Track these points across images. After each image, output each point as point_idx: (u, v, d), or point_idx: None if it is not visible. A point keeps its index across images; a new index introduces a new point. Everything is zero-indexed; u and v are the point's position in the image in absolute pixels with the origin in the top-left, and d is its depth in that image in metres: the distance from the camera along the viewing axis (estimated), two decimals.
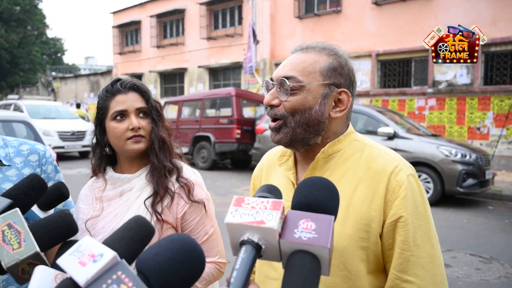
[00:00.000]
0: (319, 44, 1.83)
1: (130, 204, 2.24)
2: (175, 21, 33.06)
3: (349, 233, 1.65)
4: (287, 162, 1.94)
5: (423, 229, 1.65)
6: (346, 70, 1.81)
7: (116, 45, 38.47)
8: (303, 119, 1.73)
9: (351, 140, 1.83)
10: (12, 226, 1.09)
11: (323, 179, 1.18)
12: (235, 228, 1.04)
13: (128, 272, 0.84)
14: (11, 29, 56.09)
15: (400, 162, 1.74)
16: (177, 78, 33.12)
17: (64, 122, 21.82)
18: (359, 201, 1.68)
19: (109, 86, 2.32)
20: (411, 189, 1.66)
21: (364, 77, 21.09)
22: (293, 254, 0.99)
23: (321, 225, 1.01)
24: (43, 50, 65.04)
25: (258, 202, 1.06)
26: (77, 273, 0.85)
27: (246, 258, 0.97)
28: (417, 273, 1.61)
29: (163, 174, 2.25)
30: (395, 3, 20.15)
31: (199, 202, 2.28)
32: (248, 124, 17.56)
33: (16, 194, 1.28)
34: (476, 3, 17.84)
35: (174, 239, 0.95)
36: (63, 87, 46.40)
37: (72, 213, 1.22)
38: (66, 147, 20.76)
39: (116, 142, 2.27)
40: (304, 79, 1.73)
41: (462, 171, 11.35)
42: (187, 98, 21.40)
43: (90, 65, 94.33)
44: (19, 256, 1.05)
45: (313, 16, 23.50)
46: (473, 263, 7.33)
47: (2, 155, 2.44)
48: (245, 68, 23.24)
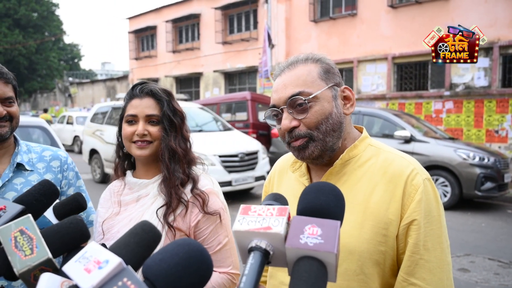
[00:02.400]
0: (299, 57, 1.85)
1: (144, 210, 2.24)
2: (191, 26, 33.19)
3: (367, 237, 1.65)
4: (300, 168, 1.95)
5: (435, 233, 1.65)
6: (335, 69, 1.85)
7: (132, 51, 38.72)
8: (329, 126, 1.74)
9: (366, 145, 1.85)
10: (24, 232, 1.09)
11: (329, 184, 1.17)
12: (243, 236, 1.04)
13: (134, 279, 0.84)
14: (29, 35, 56.89)
15: (416, 166, 1.74)
16: (192, 82, 33.24)
17: (220, 137, 13.26)
18: (376, 205, 1.68)
19: (130, 89, 2.36)
20: (426, 193, 1.66)
21: (380, 80, 21.01)
22: (299, 260, 0.98)
23: (327, 230, 1.00)
24: (60, 56, 65.87)
25: (264, 209, 1.07)
26: (82, 280, 0.84)
27: (255, 263, 0.97)
28: (424, 276, 1.61)
29: (175, 185, 2.23)
30: (410, 5, 20.05)
31: (213, 214, 2.25)
32: (263, 128, 17.55)
33: (28, 200, 1.29)
34: (493, 5, 17.69)
35: (180, 245, 0.94)
36: (80, 92, 46.86)
37: (83, 220, 1.20)
38: (235, 182, 11.87)
39: (125, 143, 2.32)
40: (312, 90, 1.74)
41: (481, 175, 11.25)
42: (202, 102, 21.43)
43: (107, 70, 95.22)
44: (31, 263, 1.05)
45: (328, 19, 23.44)
46: (492, 267, 7.26)
47: (25, 161, 2.53)
48: (260, 72, 23.29)
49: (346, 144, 1.84)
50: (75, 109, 43.03)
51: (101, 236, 2.27)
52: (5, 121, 2.41)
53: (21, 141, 2.62)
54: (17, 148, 2.56)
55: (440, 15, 18.93)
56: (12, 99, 2.46)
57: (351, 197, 1.72)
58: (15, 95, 2.51)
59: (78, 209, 1.45)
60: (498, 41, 17.42)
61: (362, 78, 21.72)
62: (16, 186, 2.43)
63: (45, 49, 59.60)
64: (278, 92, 1.80)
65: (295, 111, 1.74)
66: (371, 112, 13.67)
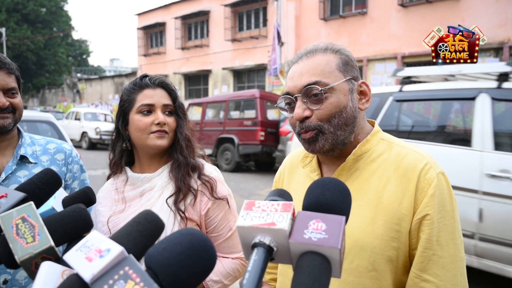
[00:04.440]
0: (319, 46, 1.80)
1: (152, 204, 2.22)
2: (200, 23, 33.28)
3: (379, 232, 1.62)
4: (311, 163, 1.92)
5: (448, 228, 1.61)
6: (354, 62, 1.80)
7: (140, 47, 38.85)
8: (341, 120, 1.70)
9: (378, 139, 1.81)
10: (26, 220, 1.08)
11: (335, 180, 1.15)
12: (246, 231, 1.02)
13: (136, 268, 0.82)
14: (37, 31, 57.11)
15: (429, 160, 1.70)
16: (201, 80, 33.33)
17: None
18: (389, 200, 1.65)
19: (138, 80, 2.32)
20: (440, 187, 1.62)
21: (389, 80, 20.96)
22: (303, 255, 0.96)
23: (332, 225, 0.98)
24: (68, 52, 66.12)
25: (268, 205, 1.05)
26: (83, 269, 0.83)
27: (258, 260, 0.96)
28: (437, 272, 1.57)
29: (187, 171, 2.24)
30: (421, 4, 20.00)
31: (222, 198, 2.27)
32: (272, 126, 17.55)
33: (30, 188, 1.27)
34: (504, 5, 17.62)
35: (183, 234, 0.92)
36: (88, 88, 47.04)
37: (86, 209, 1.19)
38: None
39: (138, 135, 2.25)
40: (329, 81, 1.69)
41: None
42: (211, 100, 21.46)
43: (115, 66, 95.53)
44: (33, 250, 1.03)
45: (338, 18, 23.44)
46: None
47: (29, 153, 2.50)
48: (269, 70, 23.33)
49: (359, 139, 1.80)
50: (83, 105, 43.20)
51: (108, 234, 2.22)
52: (7, 112, 2.37)
53: (24, 133, 2.58)
54: (20, 140, 2.53)
55: (451, 14, 18.88)
56: (15, 90, 2.41)
57: (363, 193, 1.70)
58: (18, 86, 2.46)
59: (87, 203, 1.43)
60: (508, 41, 17.37)
61: (371, 77, 21.70)
62: (19, 179, 2.40)
63: (54, 45, 59.76)
64: (293, 79, 1.75)
65: (310, 100, 1.70)
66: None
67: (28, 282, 2.33)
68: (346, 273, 1.64)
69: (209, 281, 2.19)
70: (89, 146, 27.69)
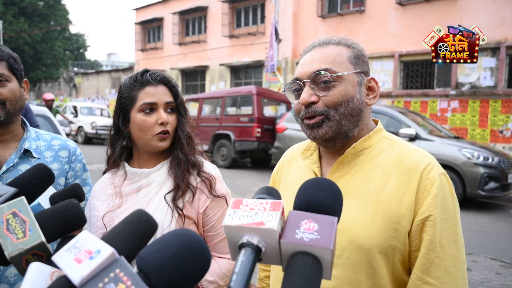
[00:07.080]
0: (333, 38, 1.82)
1: (149, 200, 2.20)
2: (198, 19, 33.18)
3: (377, 230, 1.62)
4: (312, 156, 1.91)
5: (451, 230, 1.61)
6: (365, 58, 1.83)
7: (138, 42, 38.70)
8: (347, 110, 1.71)
9: (381, 137, 1.82)
10: (17, 215, 1.05)
11: (327, 180, 1.14)
12: (233, 231, 0.99)
13: (127, 270, 0.80)
14: (34, 24, 56.89)
15: (431, 160, 1.71)
16: (198, 75, 33.24)
17: None
18: (389, 197, 1.64)
19: (138, 76, 2.26)
20: (443, 188, 1.62)
21: (386, 78, 20.97)
22: (294, 256, 0.95)
23: (324, 226, 0.96)
24: (65, 46, 65.90)
25: (257, 203, 1.02)
26: (72, 271, 0.80)
27: (246, 261, 0.93)
28: (439, 275, 1.57)
29: (186, 168, 2.23)
30: (419, 3, 20.00)
31: (221, 196, 2.26)
32: (268, 123, 17.56)
33: (22, 184, 1.25)
34: (502, 5, 17.64)
35: (177, 235, 0.90)
36: (85, 83, 46.83)
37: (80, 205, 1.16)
38: None
39: (141, 135, 2.22)
40: (339, 70, 1.71)
41: (484, 174, 11.24)
42: (208, 95, 21.45)
43: (112, 61, 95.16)
44: (23, 246, 1.00)
45: (336, 15, 23.42)
46: (494, 267, 7.26)
47: (33, 147, 2.44)
48: (266, 67, 23.28)
49: (362, 135, 1.80)
50: (80, 99, 43.07)
51: (103, 229, 2.20)
52: None
53: (30, 127, 2.51)
54: (25, 134, 2.46)
55: (448, 14, 18.88)
56: (4, 76, 2.26)
57: (362, 188, 1.70)
58: (13, 74, 2.32)
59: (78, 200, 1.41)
60: (505, 41, 17.39)
61: None
62: (20, 173, 2.34)
63: (51, 39, 59.56)
64: (303, 66, 1.77)
65: (318, 87, 1.71)
66: (376, 109, 13.60)
67: (17, 280, 2.27)
68: (343, 269, 1.64)
69: (204, 281, 2.17)
70: (85, 140, 27.66)
